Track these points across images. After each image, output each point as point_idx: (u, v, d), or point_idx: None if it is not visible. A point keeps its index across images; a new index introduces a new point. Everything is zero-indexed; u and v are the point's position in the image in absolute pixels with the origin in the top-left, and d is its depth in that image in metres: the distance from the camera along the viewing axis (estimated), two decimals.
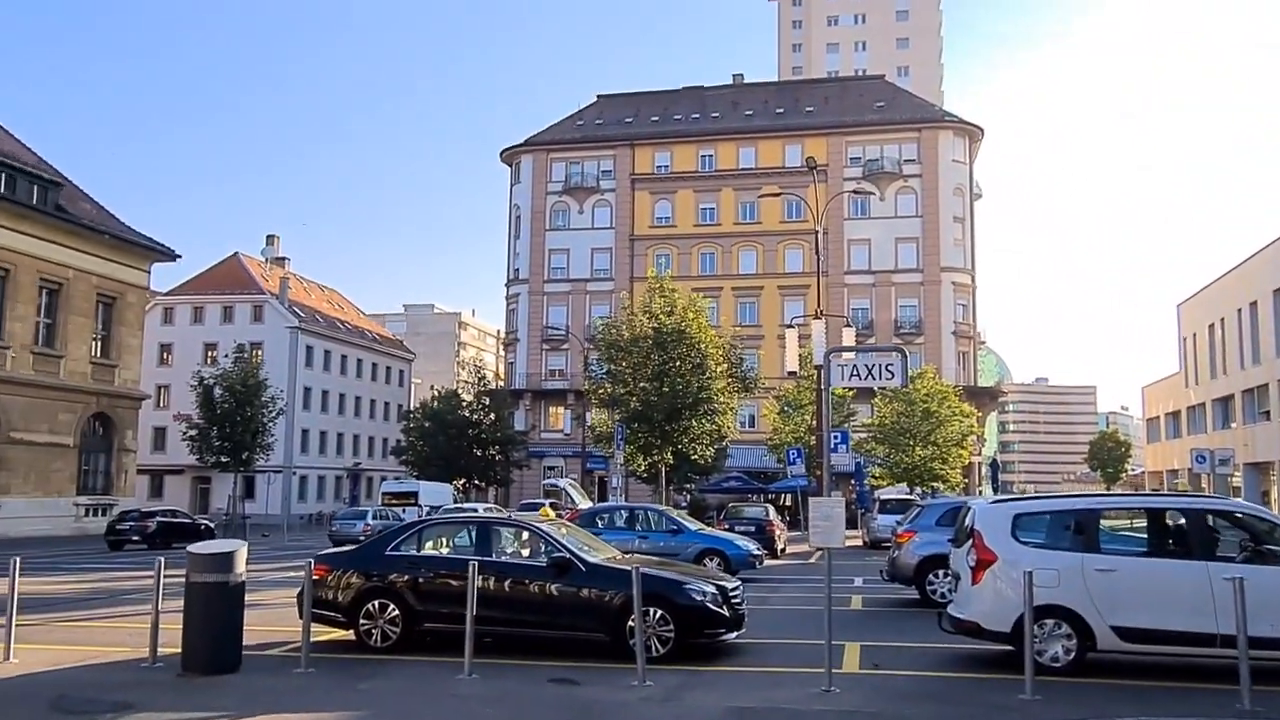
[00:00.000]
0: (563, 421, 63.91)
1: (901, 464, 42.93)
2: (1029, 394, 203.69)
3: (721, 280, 63.37)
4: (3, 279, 37.12)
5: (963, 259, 63.00)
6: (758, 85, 75.17)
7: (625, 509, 22.56)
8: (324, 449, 73.74)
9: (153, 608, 9.87)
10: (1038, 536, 9.99)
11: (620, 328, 36.13)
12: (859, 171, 62.74)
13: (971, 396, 54.38)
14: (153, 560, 10.50)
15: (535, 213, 67.10)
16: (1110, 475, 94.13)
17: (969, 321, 62.83)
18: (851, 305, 61.00)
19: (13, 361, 37.38)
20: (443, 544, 11.78)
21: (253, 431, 37.33)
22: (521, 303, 66.71)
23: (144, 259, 44.69)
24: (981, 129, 65.33)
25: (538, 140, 68.97)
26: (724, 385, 35.40)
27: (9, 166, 37.71)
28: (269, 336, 69.17)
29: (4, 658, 10.02)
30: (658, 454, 34.38)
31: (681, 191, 65.82)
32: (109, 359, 42.34)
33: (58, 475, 39.24)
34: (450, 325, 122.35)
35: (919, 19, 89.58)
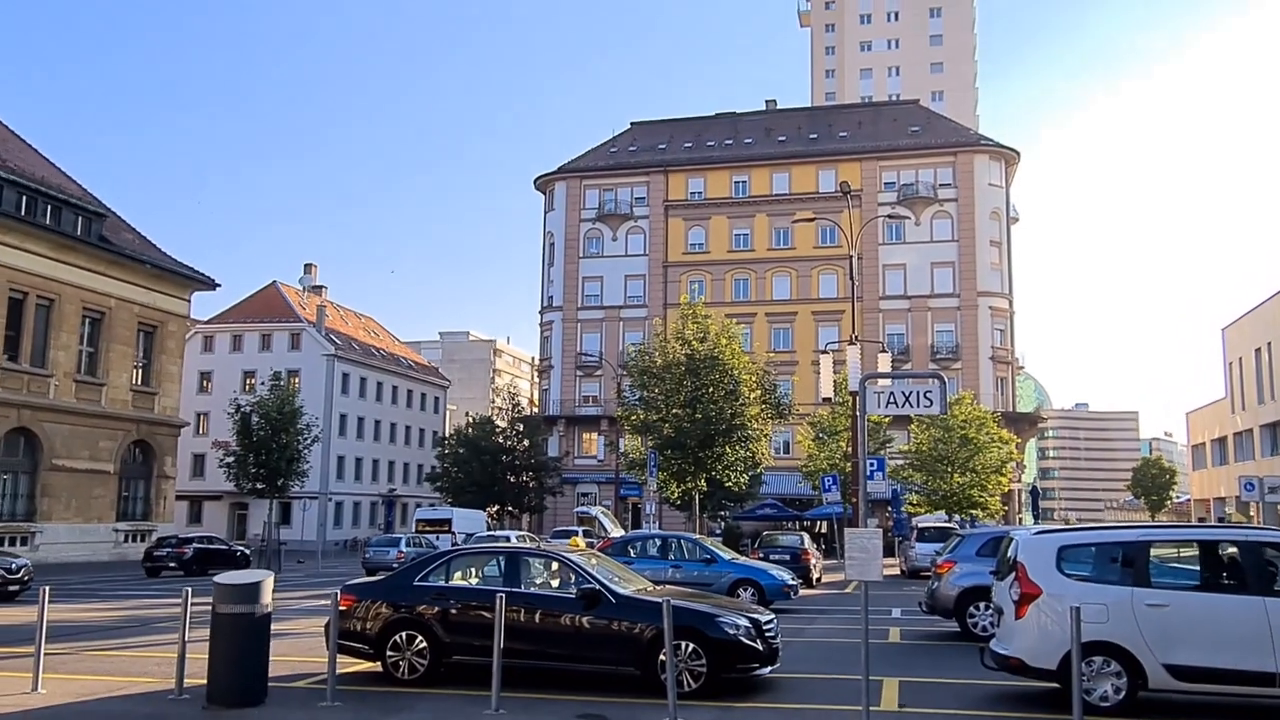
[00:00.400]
0: (596, 448, 63.75)
1: (939, 491, 42.21)
2: (1069, 420, 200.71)
3: (755, 306, 63.13)
4: (47, 309, 37.75)
5: (1000, 283, 62.30)
6: (791, 111, 75.17)
7: (658, 538, 22.27)
8: (359, 475, 74.12)
9: (179, 638, 9.79)
10: (1084, 569, 9.63)
11: (653, 354, 35.95)
12: (894, 196, 62.39)
13: (1010, 422, 53.53)
14: (189, 586, 10.45)
15: (569, 240, 67.37)
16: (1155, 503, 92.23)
17: (1007, 346, 62.01)
18: (887, 330, 60.44)
19: (56, 389, 37.95)
20: (471, 574, 11.63)
21: (288, 458, 37.48)
22: (555, 329, 66.84)
23: (184, 288, 45.33)
24: (1017, 152, 64.77)
25: (571, 167, 69.36)
26: (757, 411, 35.04)
27: (55, 199, 38.45)
28: (306, 364, 69.82)
29: (32, 688, 9.97)
30: (691, 481, 34.04)
31: (715, 217, 65.80)
32: (149, 387, 42.86)
33: (98, 501, 39.68)
34: (485, 352, 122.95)
35: (953, 43, 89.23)
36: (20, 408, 36.06)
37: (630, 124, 74.08)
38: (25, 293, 36.55)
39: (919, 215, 62.00)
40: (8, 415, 35.65)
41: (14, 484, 36.57)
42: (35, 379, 37.01)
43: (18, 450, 36.74)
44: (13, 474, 36.50)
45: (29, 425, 36.54)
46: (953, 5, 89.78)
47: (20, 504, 36.70)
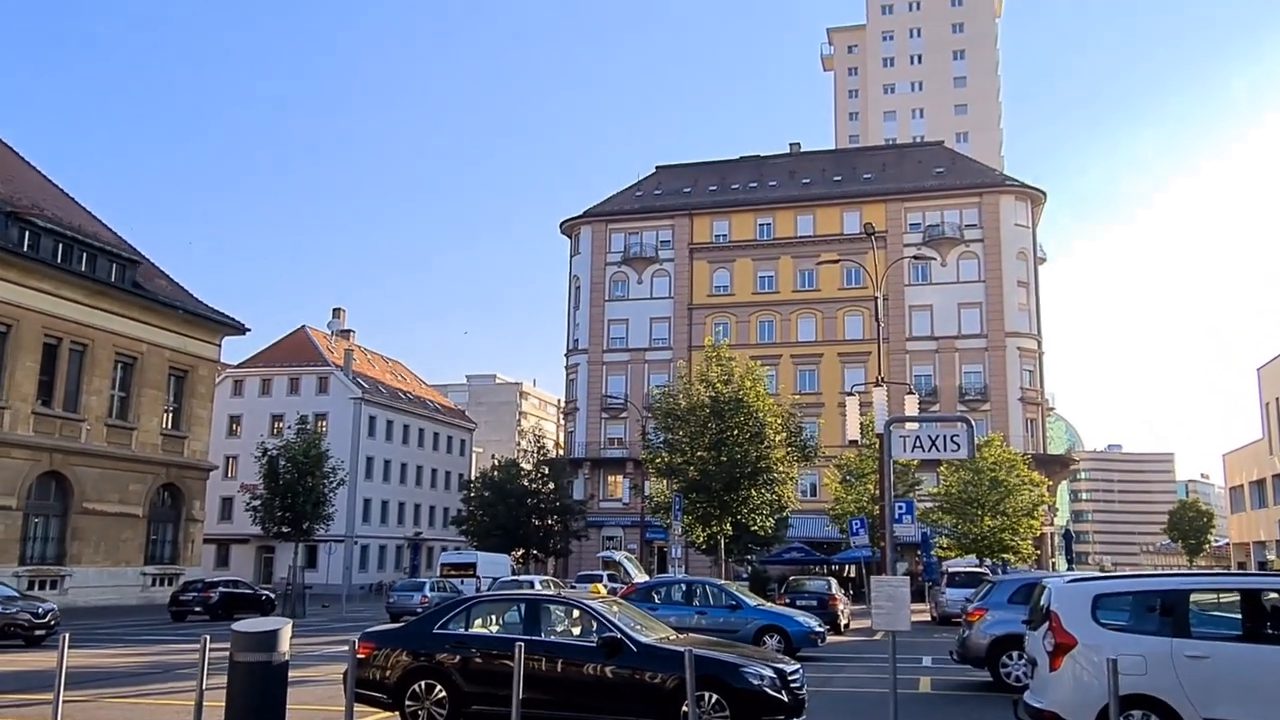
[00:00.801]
0: (621, 491, 63.49)
1: (970, 534, 41.57)
2: (1102, 461, 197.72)
3: (780, 348, 62.95)
4: (81, 354, 38.26)
5: (1028, 324, 61.82)
6: (815, 154, 75.51)
7: (682, 583, 22.02)
8: (385, 519, 74.13)
9: (197, 686, 9.69)
10: (1121, 619, 9.34)
11: (677, 396, 35.85)
12: (919, 237, 62.28)
13: (1041, 465, 52.75)
14: (212, 631, 10.38)
15: (595, 283, 67.67)
16: (1192, 547, 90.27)
17: (1036, 387, 61.35)
18: (914, 372, 60.04)
19: (88, 433, 38.33)
20: (492, 622, 11.49)
21: (314, 501, 37.56)
22: (581, 372, 66.92)
23: (215, 333, 45.83)
24: (1043, 192, 64.56)
25: (597, 212, 69.86)
26: (783, 454, 34.74)
27: (90, 246, 39.13)
28: (334, 407, 70.26)
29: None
30: (716, 525, 33.72)
31: (740, 260, 65.92)
32: (179, 430, 43.21)
33: (126, 545, 39.86)
34: (511, 395, 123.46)
35: (976, 85, 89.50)
36: (52, 451, 36.44)
37: (655, 168, 74.67)
38: (59, 338, 37.09)
39: (945, 256, 61.81)
40: (40, 459, 36.01)
41: (44, 527, 36.84)
42: (67, 423, 37.42)
43: (49, 494, 37.07)
44: (44, 517, 36.79)
45: (60, 469, 36.88)
46: (975, 48, 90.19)
47: (50, 547, 36.94)
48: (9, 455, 34.65)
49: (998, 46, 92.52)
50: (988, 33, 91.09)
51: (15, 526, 34.86)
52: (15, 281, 35.11)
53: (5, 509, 34.31)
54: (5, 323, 34.87)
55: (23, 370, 35.39)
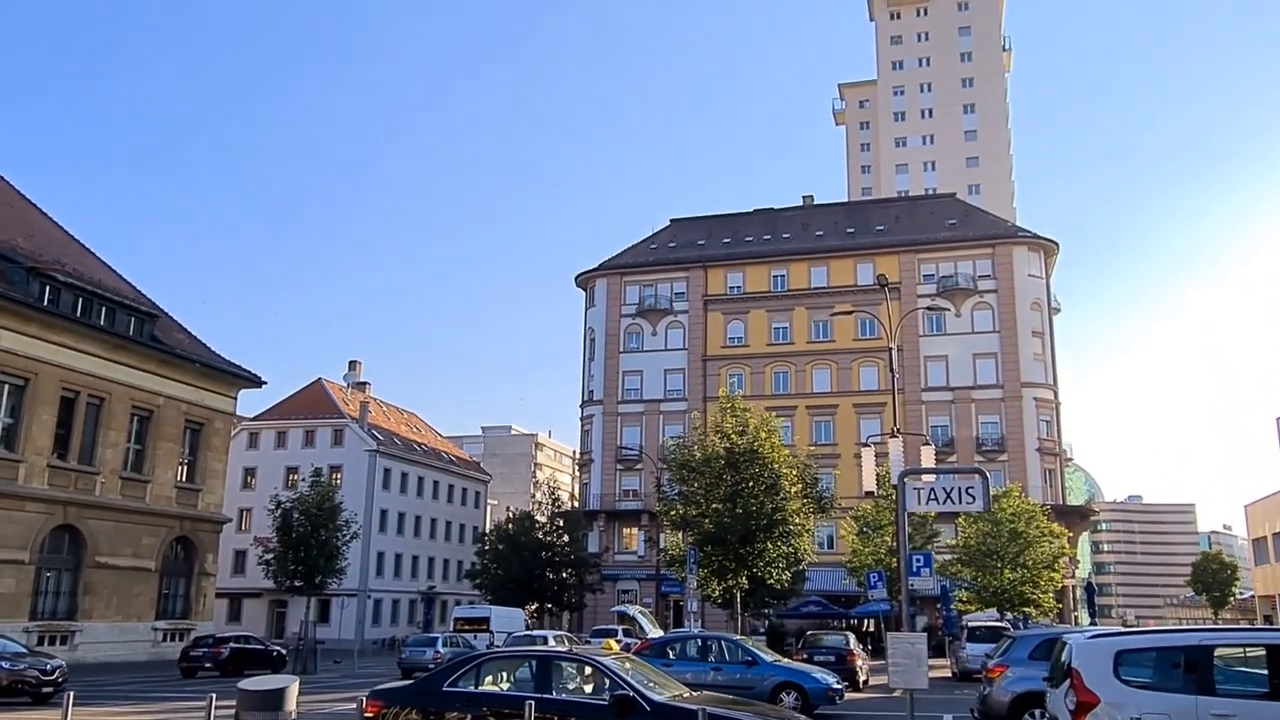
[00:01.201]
0: (637, 543, 63.02)
1: (989, 587, 40.92)
2: (1122, 512, 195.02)
3: (795, 399, 62.78)
4: (98, 407, 38.45)
5: (1044, 374, 61.53)
6: (828, 206, 75.99)
7: (697, 638, 21.71)
8: (399, 572, 73.72)
9: None
10: (1144, 675, 9.14)
11: (692, 448, 35.68)
12: (933, 288, 62.35)
13: (1060, 516, 52.10)
14: (222, 688, 10.27)
15: (609, 335, 67.89)
16: (1217, 600, 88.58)
17: (1053, 438, 60.85)
18: (930, 422, 59.72)
19: (102, 487, 38.38)
20: (502, 679, 11.32)
21: (327, 554, 37.41)
22: (596, 424, 66.85)
23: (231, 386, 46.05)
24: (1056, 243, 64.65)
25: (612, 264, 70.33)
26: (799, 506, 34.42)
27: (110, 300, 39.54)
28: (349, 459, 70.33)
29: None
30: (732, 578, 33.30)
31: (754, 311, 66.08)
32: (194, 483, 43.23)
33: (138, 599, 39.67)
34: (527, 446, 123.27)
35: (987, 138, 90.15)
36: (66, 505, 36.47)
37: (669, 221, 75.26)
38: (77, 391, 37.33)
39: (959, 307, 61.81)
40: (54, 512, 36.04)
41: (56, 581, 36.74)
42: (82, 476, 37.50)
43: (62, 547, 37.02)
44: (56, 571, 36.70)
45: (74, 522, 36.88)
46: (986, 102, 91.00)
47: (62, 602, 36.79)
48: (23, 509, 34.69)
49: (1007, 101, 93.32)
50: (997, 88, 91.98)
51: (27, 580, 34.78)
52: (36, 336, 35.47)
53: (18, 563, 34.26)
54: (24, 376, 35.15)
55: (39, 424, 35.59)
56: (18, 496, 34.43)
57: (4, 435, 34.40)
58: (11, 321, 34.55)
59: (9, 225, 39.25)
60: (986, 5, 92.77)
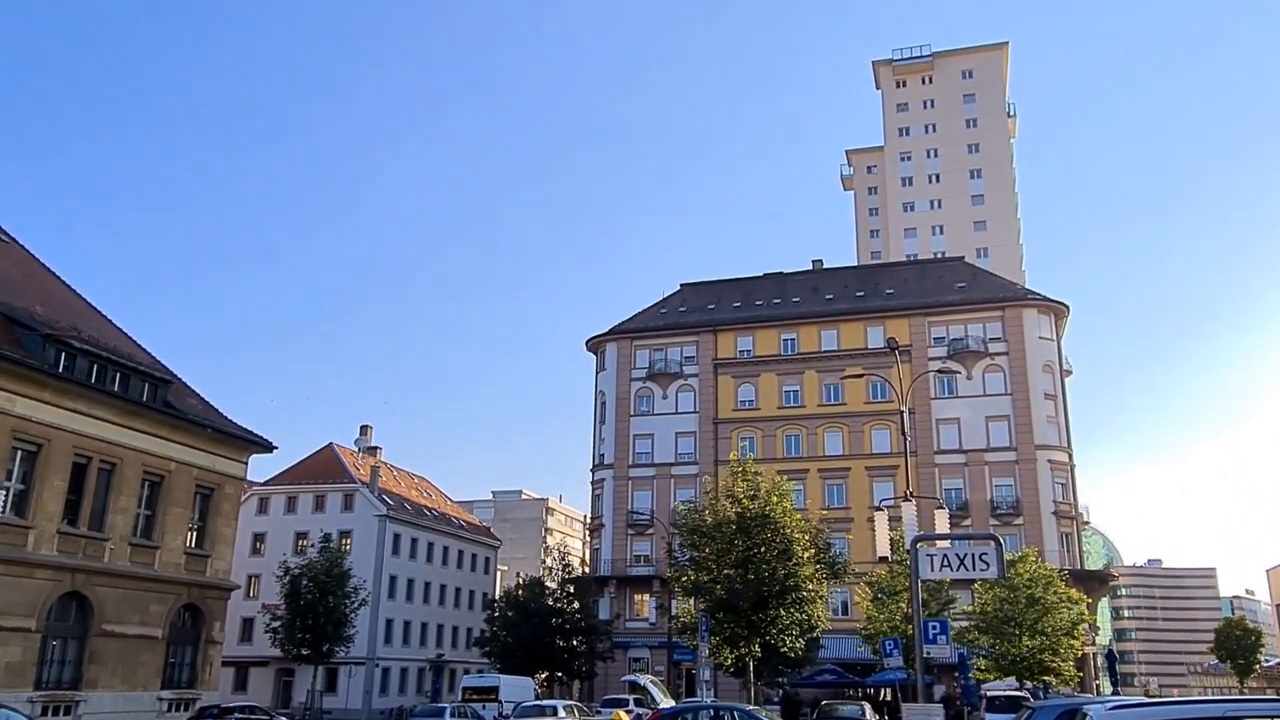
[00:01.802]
0: (648, 610, 62.22)
1: (1008, 655, 40.14)
2: (1142, 577, 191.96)
3: (807, 462, 62.45)
4: (109, 472, 38.42)
5: (1057, 436, 61.16)
6: (837, 269, 76.45)
7: (709, 709, 21.36)
8: (408, 639, 72.82)
9: None
10: None
11: (703, 512, 35.44)
12: (943, 351, 62.38)
13: (1078, 581, 51.32)
14: None
15: (620, 399, 67.91)
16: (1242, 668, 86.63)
17: (1069, 501, 60.23)
18: (944, 485, 59.27)
19: (111, 553, 38.14)
20: None
21: (335, 622, 37.09)
22: (607, 488, 66.53)
23: (243, 451, 45.99)
24: (1066, 305, 64.74)
25: (622, 329, 70.65)
26: (812, 572, 34.02)
27: (124, 367, 39.76)
28: (358, 525, 70.02)
29: None
30: (745, 646, 32.80)
31: (764, 375, 66.10)
32: (203, 549, 42.95)
33: (144, 668, 39.14)
34: (537, 511, 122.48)
35: (994, 202, 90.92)
36: (75, 571, 36.22)
37: (680, 285, 75.78)
38: (89, 457, 37.34)
39: (970, 369, 61.74)
40: (62, 579, 35.77)
41: (62, 650, 36.31)
42: (92, 542, 37.31)
43: (69, 615, 36.66)
44: (61, 639, 36.30)
45: (82, 589, 36.57)
46: (992, 166, 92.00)
47: (67, 671, 36.33)
48: (31, 576, 34.46)
49: (1014, 166, 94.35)
50: (1003, 153, 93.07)
51: (33, 649, 34.40)
52: (50, 402, 35.62)
53: (24, 631, 33.93)
54: (37, 442, 35.22)
55: (50, 490, 35.55)
56: (26, 563, 34.24)
57: (15, 501, 34.38)
58: (26, 388, 34.75)
59: (27, 292, 39.75)
60: (990, 73, 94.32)
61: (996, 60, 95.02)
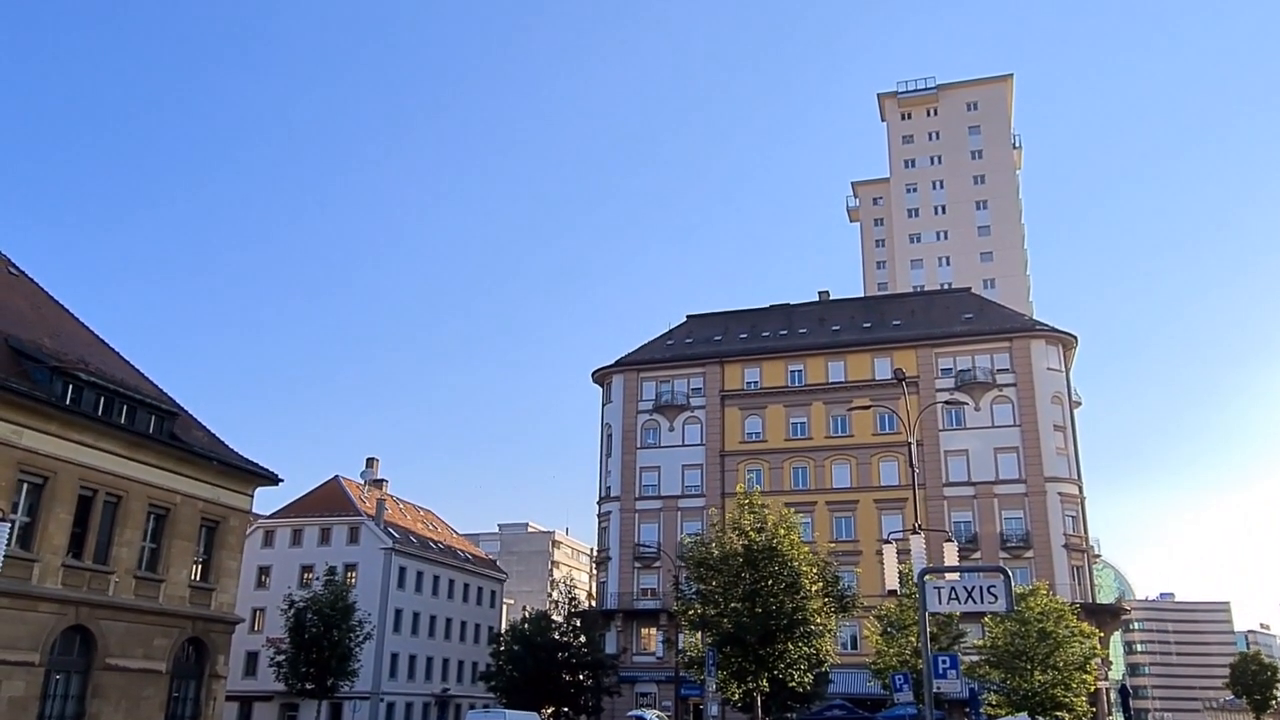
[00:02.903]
0: (655, 644, 61.70)
1: (1020, 690, 39.60)
2: (1155, 611, 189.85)
3: (815, 495, 62.09)
4: (114, 505, 38.32)
5: (1067, 469, 60.73)
6: (844, 301, 76.42)
7: None
8: (413, 673, 72.22)
9: None
10: None
11: (709, 545, 35.19)
12: (951, 382, 62.17)
13: (1090, 615, 50.76)
14: None
15: (626, 431, 67.74)
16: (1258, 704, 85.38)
17: (1080, 534, 59.69)
18: (953, 518, 58.81)
19: (116, 586, 37.95)
20: None
21: (339, 655, 36.79)
22: (613, 520, 66.19)
23: (248, 483, 45.88)
24: (1075, 336, 64.55)
25: (629, 360, 70.61)
26: (820, 605, 33.70)
27: (131, 399, 39.78)
28: (364, 558, 69.70)
29: None
30: (752, 680, 32.42)
31: (771, 407, 65.89)
32: (208, 583, 42.72)
33: (147, 702, 38.78)
34: (544, 544, 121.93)
35: (1001, 233, 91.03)
36: (79, 605, 36.02)
37: (686, 317, 75.78)
38: (95, 490, 37.27)
39: (978, 401, 61.47)
40: (66, 613, 35.56)
41: (65, 684, 36.01)
42: (96, 576, 37.14)
43: (72, 649, 36.42)
44: (65, 674, 36.02)
45: (86, 623, 36.34)
46: (998, 197, 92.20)
47: (70, 705, 36.01)
48: (35, 609, 34.27)
49: (1020, 197, 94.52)
50: (1009, 184, 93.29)
51: (36, 684, 34.11)
52: (56, 434, 35.62)
53: (27, 665, 33.71)
54: (43, 475, 35.19)
55: (56, 523, 35.46)
56: (30, 596, 34.07)
57: (20, 534, 34.27)
58: (33, 420, 34.77)
59: (36, 325, 39.91)
60: (995, 105, 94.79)
61: (1001, 92, 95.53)
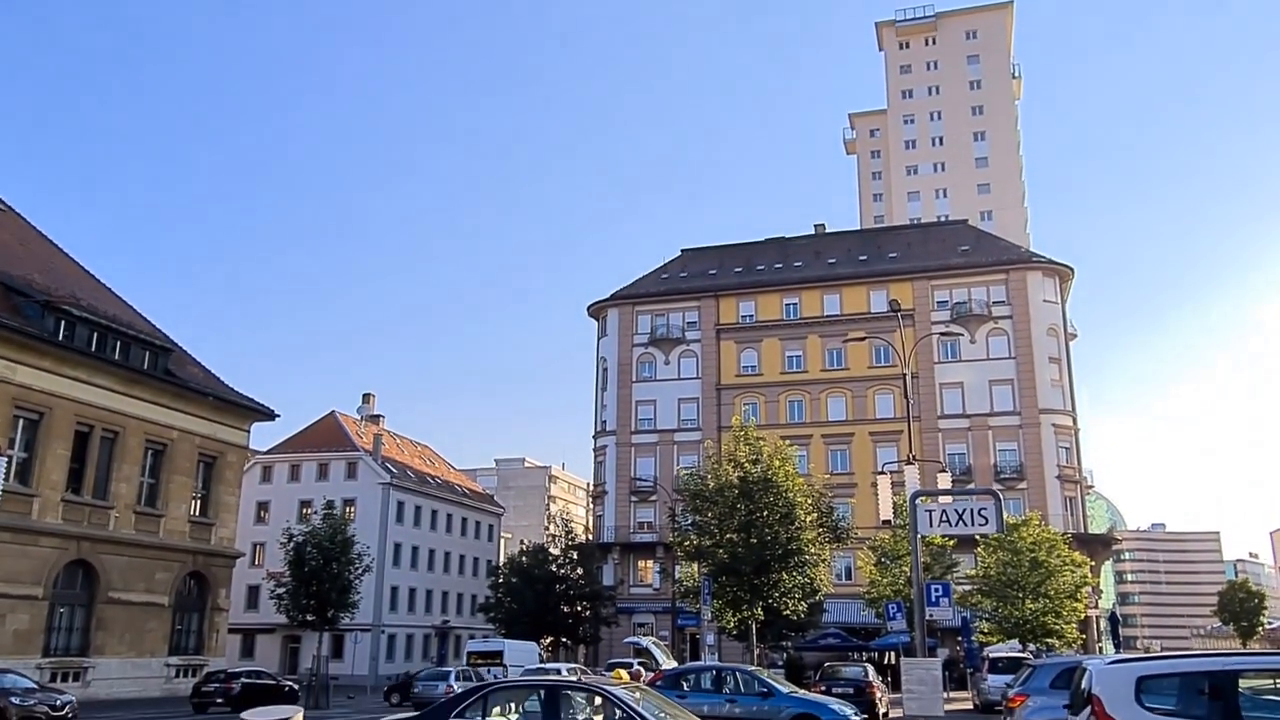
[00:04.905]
0: (652, 576, 62.51)
1: (1011, 618, 40.20)
2: (1146, 541, 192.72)
3: (810, 428, 62.39)
4: (112, 441, 38.52)
5: (1061, 400, 60.95)
6: (840, 234, 75.91)
7: (712, 670, 21.41)
8: (413, 607, 73.28)
9: None
10: (1167, 702, 8.84)
11: (705, 477, 35.42)
12: (946, 315, 62.06)
13: (1082, 545, 51.36)
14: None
15: (622, 365, 67.76)
16: (1245, 630, 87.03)
17: (1073, 465, 60.15)
18: (947, 450, 59.18)
19: (116, 521, 38.35)
20: (510, 710, 11.11)
21: (339, 588, 37.20)
22: (609, 455, 66.57)
23: (245, 419, 46.10)
24: (1071, 268, 64.30)
25: (624, 294, 70.36)
26: (814, 535, 34.05)
27: (124, 335, 39.72)
28: (362, 493, 70.21)
29: None
30: (747, 609, 32.89)
31: (767, 340, 65.86)
32: (207, 518, 43.17)
33: (151, 635, 39.48)
34: (540, 479, 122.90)
35: (999, 165, 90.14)
36: (80, 540, 36.44)
37: (681, 250, 75.34)
38: (91, 426, 37.42)
39: (974, 333, 61.44)
40: (67, 548, 36.00)
41: (70, 617, 36.62)
42: (96, 511, 37.50)
43: (75, 583, 36.94)
44: (69, 607, 36.60)
45: (88, 557, 36.81)
46: (996, 128, 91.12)
47: (75, 638, 36.65)
48: (36, 544, 34.68)
49: (1018, 128, 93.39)
50: (1007, 114, 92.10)
51: (40, 617, 34.68)
52: (50, 370, 35.64)
53: (31, 598, 34.19)
54: (39, 410, 35.28)
55: (54, 458, 35.67)
56: (31, 531, 34.43)
57: (19, 470, 34.42)
58: (27, 356, 34.74)
59: (25, 261, 39.61)
60: (994, 34, 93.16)
61: (1001, 20, 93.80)
